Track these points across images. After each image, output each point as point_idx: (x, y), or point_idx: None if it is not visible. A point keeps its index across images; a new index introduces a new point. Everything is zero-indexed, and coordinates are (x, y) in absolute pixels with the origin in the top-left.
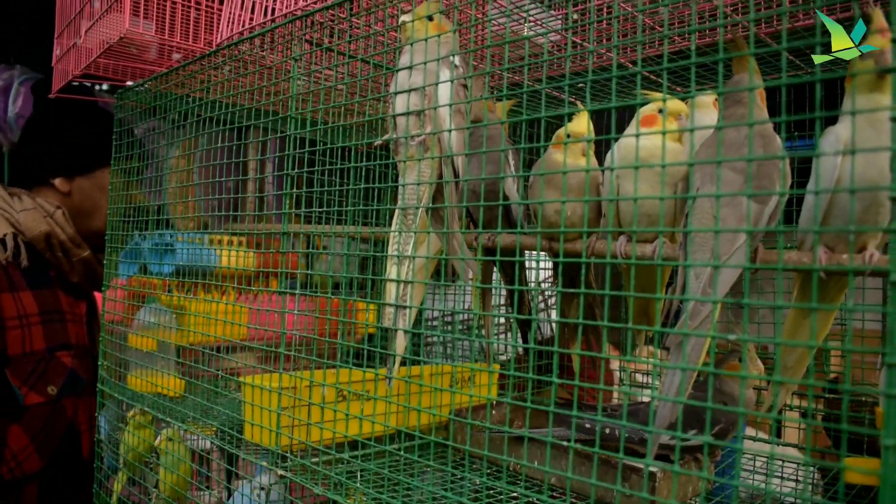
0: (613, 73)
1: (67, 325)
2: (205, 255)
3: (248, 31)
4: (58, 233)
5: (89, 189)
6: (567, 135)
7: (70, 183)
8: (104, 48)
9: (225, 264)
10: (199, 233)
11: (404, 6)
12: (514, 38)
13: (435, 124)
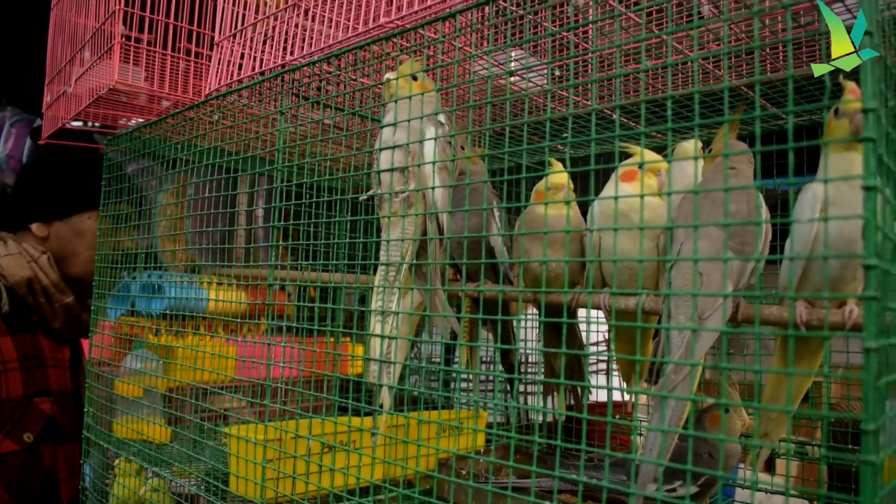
0: (592, 136)
1: (48, 370)
2: (194, 294)
3: (236, 83)
4: (41, 278)
5: (66, 234)
6: (547, 188)
7: (48, 228)
8: (94, 97)
9: (214, 305)
10: (189, 273)
11: (388, 62)
12: (517, 95)
13: (419, 181)
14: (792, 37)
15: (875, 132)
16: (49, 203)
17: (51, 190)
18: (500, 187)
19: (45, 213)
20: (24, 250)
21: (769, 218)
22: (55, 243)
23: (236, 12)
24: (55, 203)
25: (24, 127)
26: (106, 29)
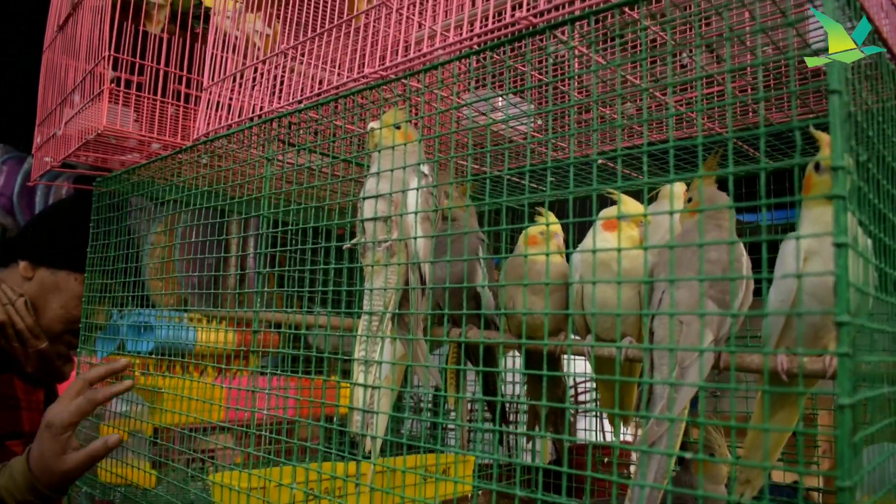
0: (571, 189)
1: (21, 412)
2: (183, 333)
3: (223, 128)
4: (15, 321)
5: (48, 285)
6: (525, 235)
7: (34, 270)
8: (83, 141)
9: (203, 342)
10: (178, 310)
11: (373, 111)
12: (509, 147)
13: (402, 231)
14: (763, 95)
15: (845, 190)
16: (47, 248)
17: (56, 237)
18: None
19: (38, 256)
20: (2, 292)
21: (749, 265)
22: (35, 288)
23: (224, 57)
24: (52, 250)
25: (15, 164)
26: (96, 72)
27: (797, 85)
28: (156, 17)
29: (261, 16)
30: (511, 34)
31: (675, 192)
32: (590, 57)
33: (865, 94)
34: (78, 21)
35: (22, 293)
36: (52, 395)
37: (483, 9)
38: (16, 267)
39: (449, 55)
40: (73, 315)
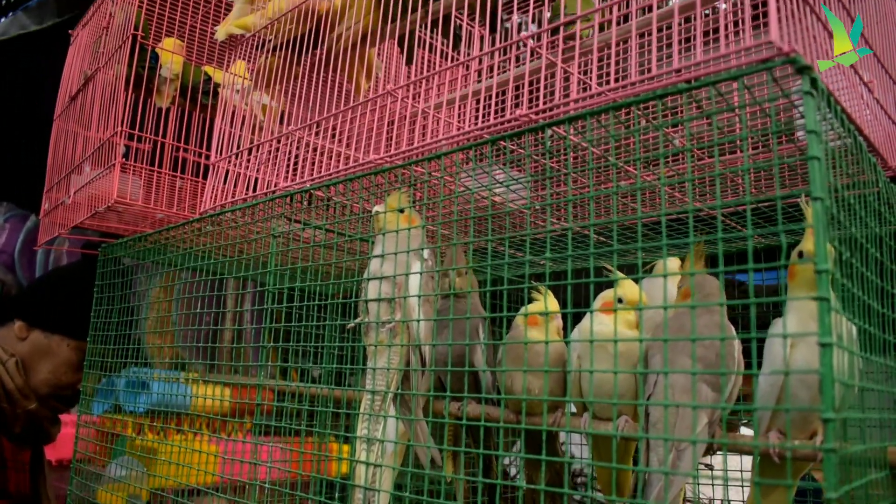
0: (569, 280)
1: (8, 472)
2: (178, 391)
3: (229, 203)
4: (6, 381)
5: (41, 347)
6: (526, 314)
7: (28, 331)
8: (93, 212)
9: (198, 404)
10: (174, 369)
11: (377, 194)
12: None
13: (404, 312)
14: (748, 166)
15: (828, 292)
16: (43, 311)
17: (53, 301)
18: (484, 299)
19: (34, 318)
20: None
21: (740, 346)
22: (27, 349)
23: (231, 132)
24: (48, 314)
25: (18, 222)
26: (108, 144)
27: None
28: (166, 91)
29: (268, 91)
30: (511, 128)
31: (671, 265)
32: (586, 146)
33: (843, 183)
34: (89, 93)
35: (14, 354)
36: (39, 456)
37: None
38: (11, 326)
39: (451, 146)
40: (61, 381)
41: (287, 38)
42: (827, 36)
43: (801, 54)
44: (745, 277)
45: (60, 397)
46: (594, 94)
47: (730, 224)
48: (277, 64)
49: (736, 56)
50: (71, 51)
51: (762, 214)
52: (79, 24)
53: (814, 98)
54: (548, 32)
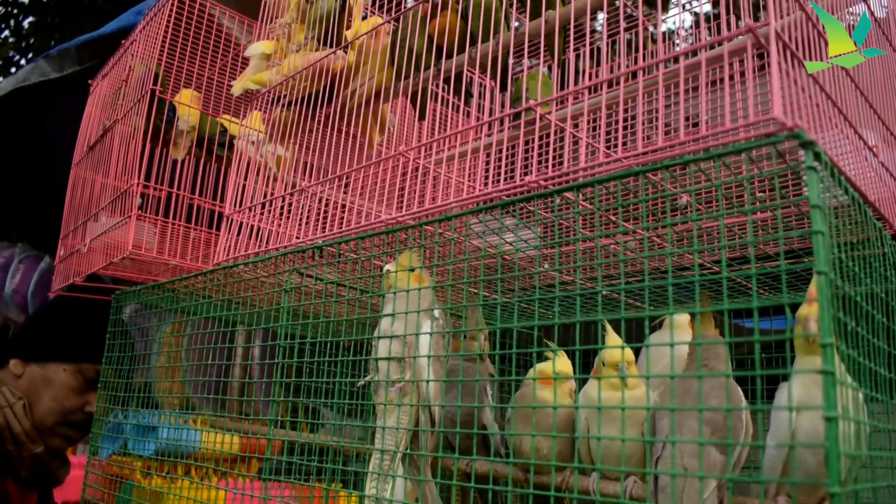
0: (578, 346)
1: None
2: (187, 435)
3: (242, 256)
4: (13, 425)
5: (38, 379)
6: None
7: (24, 367)
8: (108, 262)
9: (207, 447)
10: (182, 412)
11: (387, 251)
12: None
13: (414, 372)
14: (753, 239)
15: (833, 366)
16: (35, 343)
17: (43, 331)
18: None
19: (27, 352)
20: (1, 395)
21: (748, 409)
22: (26, 384)
23: (246, 185)
24: (40, 344)
25: (32, 263)
26: (124, 194)
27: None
28: (182, 143)
29: (282, 144)
30: (522, 192)
31: (679, 322)
32: (593, 212)
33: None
34: (107, 143)
35: (21, 396)
36: (47, 499)
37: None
38: (5, 369)
39: (462, 208)
40: (65, 407)
41: (302, 94)
42: (829, 102)
43: (805, 128)
44: (751, 322)
45: (71, 423)
46: (602, 162)
47: (735, 282)
48: (292, 118)
49: (743, 130)
50: (90, 101)
51: (769, 273)
52: (98, 74)
53: (817, 172)
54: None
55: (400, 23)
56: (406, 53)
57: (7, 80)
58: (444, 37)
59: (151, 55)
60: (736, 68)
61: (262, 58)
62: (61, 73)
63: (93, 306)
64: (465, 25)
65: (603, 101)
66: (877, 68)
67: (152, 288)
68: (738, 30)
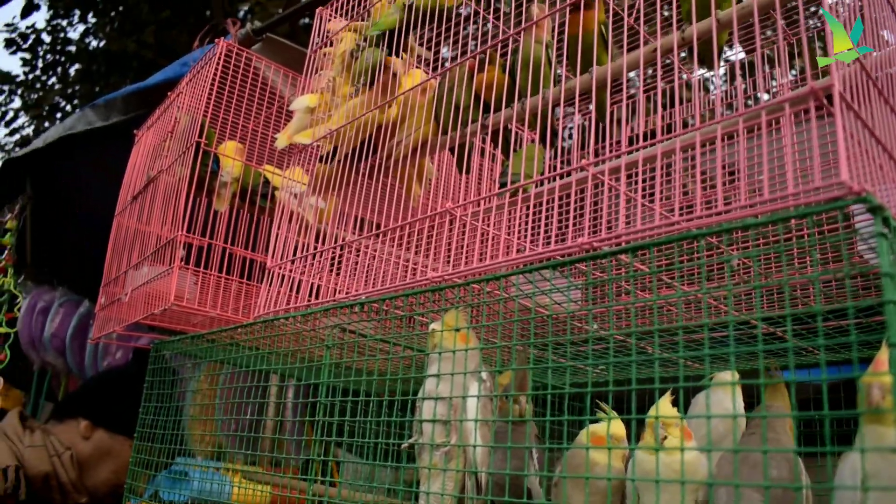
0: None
1: None
2: (219, 485)
3: (283, 310)
4: (60, 474)
5: (104, 447)
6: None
7: (93, 430)
8: (148, 313)
9: (238, 495)
10: (214, 458)
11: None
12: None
13: (461, 436)
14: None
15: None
16: (108, 410)
17: (117, 401)
18: (540, 414)
19: (98, 417)
20: (50, 444)
21: (809, 484)
22: (90, 448)
23: (288, 238)
24: (113, 414)
25: (71, 307)
26: (167, 245)
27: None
28: (225, 195)
29: (324, 197)
30: (573, 254)
31: (728, 378)
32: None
33: None
34: (150, 193)
35: (69, 447)
36: None
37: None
38: (73, 422)
39: (510, 268)
40: (123, 482)
41: (346, 147)
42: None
43: (872, 192)
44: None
45: (119, 496)
46: (658, 225)
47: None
48: (334, 171)
49: (805, 195)
50: (135, 150)
51: (836, 328)
52: (143, 125)
53: (887, 239)
54: (608, 158)
55: (445, 77)
56: (450, 107)
57: (54, 128)
58: (489, 91)
59: (197, 107)
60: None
61: (306, 111)
62: (107, 121)
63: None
64: (510, 80)
65: (658, 162)
66: None
67: (192, 338)
68: (801, 91)
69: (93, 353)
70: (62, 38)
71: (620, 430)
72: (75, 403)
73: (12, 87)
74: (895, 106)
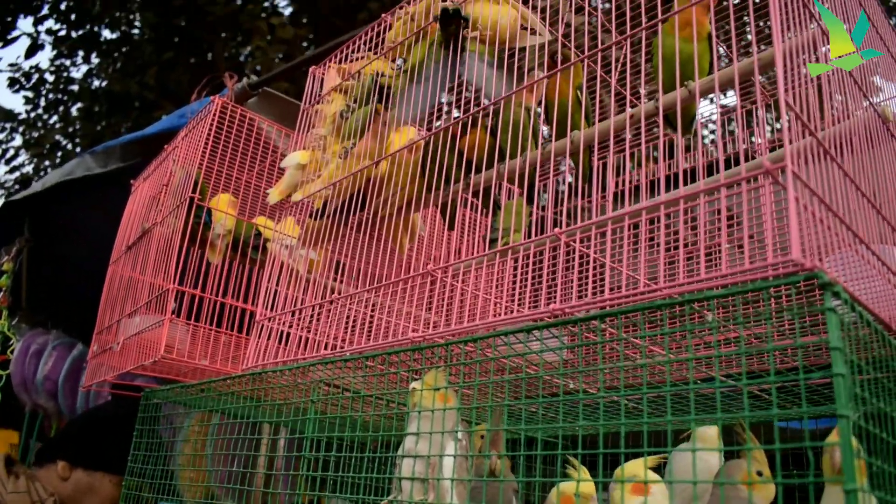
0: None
1: None
2: None
3: (272, 364)
4: None
5: (83, 486)
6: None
7: (71, 471)
8: (139, 363)
9: None
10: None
11: (414, 363)
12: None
13: (438, 495)
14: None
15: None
16: (84, 449)
17: (93, 439)
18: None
19: (75, 457)
20: (34, 489)
21: None
22: (70, 489)
23: (278, 291)
24: (89, 452)
25: (64, 350)
26: (158, 289)
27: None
28: (219, 246)
29: (315, 249)
30: (545, 318)
31: (711, 434)
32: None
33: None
34: (144, 244)
35: (53, 493)
36: None
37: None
38: (53, 466)
39: (488, 331)
40: None
41: (336, 203)
42: (850, 235)
43: (823, 269)
44: (795, 424)
45: None
46: (625, 294)
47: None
48: (325, 225)
49: (760, 270)
50: (131, 200)
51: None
52: (140, 176)
53: (837, 314)
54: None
55: (431, 137)
56: (436, 166)
57: (53, 173)
58: (473, 151)
59: (192, 161)
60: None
61: (297, 168)
62: (105, 168)
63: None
64: (493, 141)
65: (643, 234)
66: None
67: (182, 387)
68: (755, 170)
69: (84, 397)
70: (65, 77)
71: (589, 488)
72: (53, 448)
73: (14, 124)
74: (850, 170)
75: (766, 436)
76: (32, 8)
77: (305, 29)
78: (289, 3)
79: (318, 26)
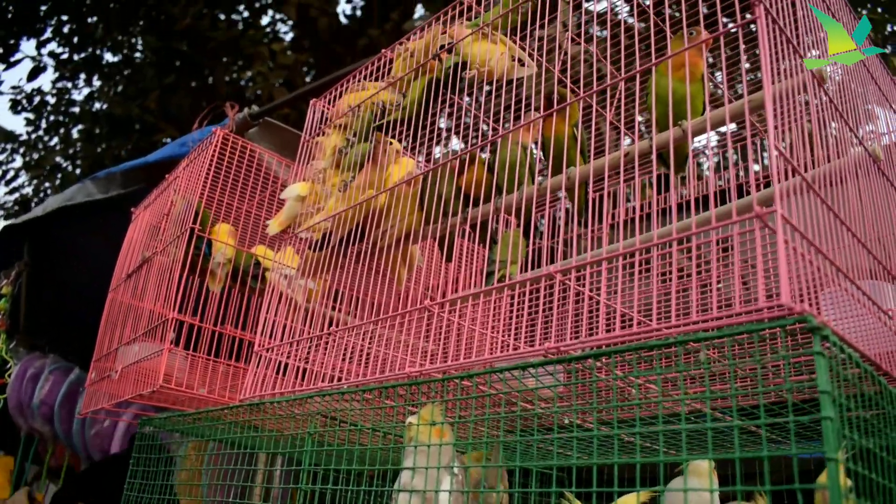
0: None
1: None
2: None
3: (270, 395)
4: None
5: None
6: None
7: None
8: (137, 393)
9: None
10: None
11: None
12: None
13: None
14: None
15: None
16: (105, 495)
17: (114, 485)
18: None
19: (96, 501)
20: None
21: None
22: None
23: (276, 322)
24: (109, 498)
25: (61, 375)
26: (158, 317)
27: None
28: (219, 275)
29: (314, 279)
30: (541, 356)
31: (703, 469)
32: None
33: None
34: (144, 274)
35: None
36: None
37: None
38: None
39: (483, 367)
40: None
41: (337, 236)
42: (836, 272)
43: (812, 313)
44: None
45: None
46: (619, 335)
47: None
48: (324, 255)
49: (748, 314)
50: (131, 229)
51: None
52: (140, 204)
53: (825, 357)
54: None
55: (430, 172)
56: (435, 200)
57: (54, 198)
58: (471, 187)
59: (193, 191)
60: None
61: (297, 199)
62: (106, 194)
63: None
64: (491, 177)
65: (619, 271)
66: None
67: (179, 416)
68: (747, 214)
69: (80, 422)
70: (66, 99)
71: None
72: (72, 491)
73: (14, 146)
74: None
75: (760, 467)
76: (36, 31)
77: (306, 55)
78: (289, 29)
79: (319, 52)
